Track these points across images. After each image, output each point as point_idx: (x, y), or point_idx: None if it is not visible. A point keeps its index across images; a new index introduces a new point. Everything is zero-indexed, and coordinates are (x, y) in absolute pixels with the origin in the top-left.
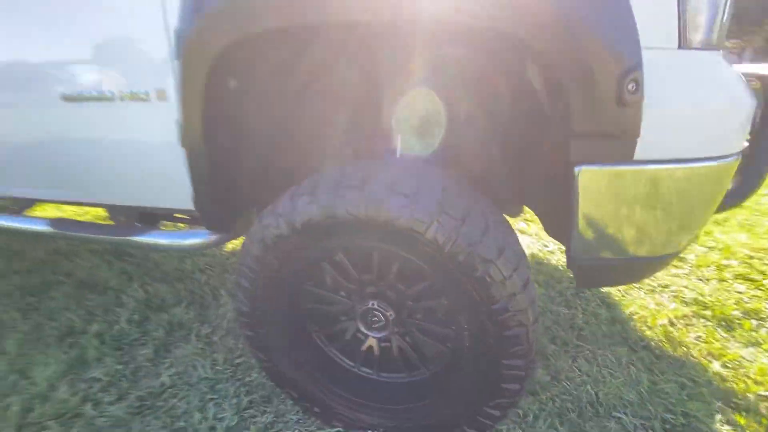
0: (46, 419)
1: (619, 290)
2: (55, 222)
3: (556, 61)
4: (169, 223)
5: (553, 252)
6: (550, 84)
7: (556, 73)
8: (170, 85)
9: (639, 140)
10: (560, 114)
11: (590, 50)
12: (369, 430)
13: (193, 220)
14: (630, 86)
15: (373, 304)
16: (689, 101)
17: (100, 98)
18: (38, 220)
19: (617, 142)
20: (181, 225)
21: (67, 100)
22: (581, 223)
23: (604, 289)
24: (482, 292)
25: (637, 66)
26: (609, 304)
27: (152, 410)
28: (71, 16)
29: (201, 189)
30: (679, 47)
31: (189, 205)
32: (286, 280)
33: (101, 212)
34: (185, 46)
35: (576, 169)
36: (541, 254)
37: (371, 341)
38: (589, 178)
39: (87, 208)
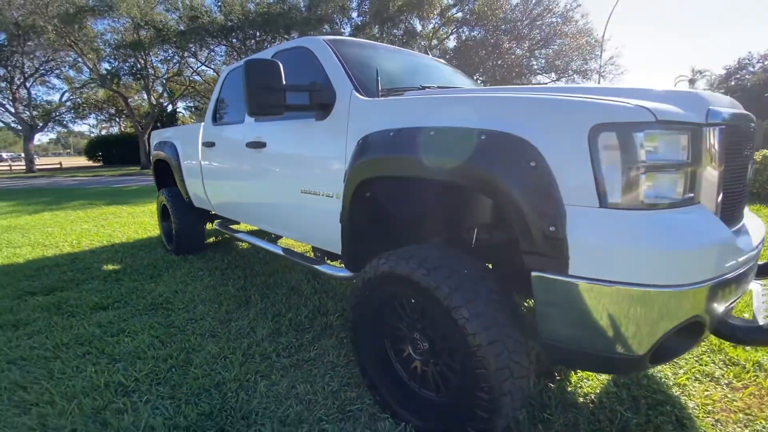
0: (257, 352)
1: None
2: (285, 250)
3: (508, 211)
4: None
5: None
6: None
7: (509, 216)
8: (341, 192)
9: (571, 261)
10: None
11: (522, 205)
12: (403, 422)
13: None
14: (551, 228)
15: (416, 335)
16: (604, 242)
17: (316, 193)
18: (277, 246)
19: (554, 259)
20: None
21: (303, 192)
22: (538, 310)
23: None
24: (460, 340)
25: (555, 217)
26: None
27: (299, 365)
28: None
29: (345, 246)
30: (600, 206)
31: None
32: (373, 307)
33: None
34: (347, 177)
35: (532, 273)
36: None
37: (416, 362)
38: (539, 280)
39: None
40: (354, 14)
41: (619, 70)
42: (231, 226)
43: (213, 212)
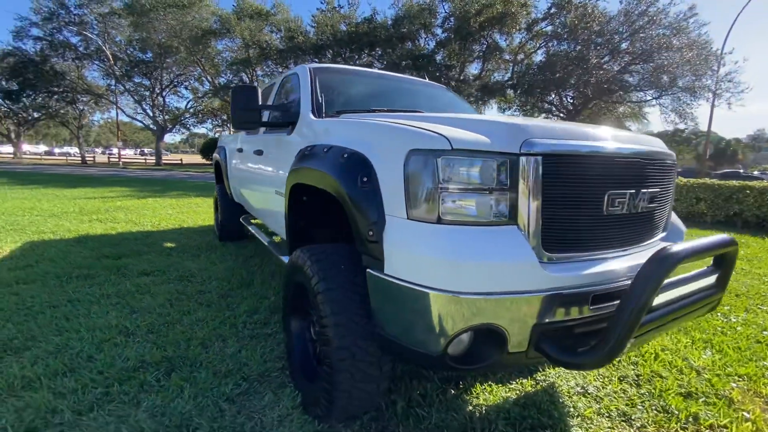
0: (230, 322)
1: None
2: (270, 241)
3: (349, 217)
4: None
5: None
6: None
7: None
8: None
9: (385, 262)
10: None
11: (354, 212)
12: (297, 391)
13: None
14: (370, 233)
15: (313, 317)
16: (405, 248)
17: (280, 194)
18: (267, 237)
19: (375, 260)
20: None
21: (275, 193)
22: (371, 305)
23: None
24: (320, 321)
25: (375, 224)
26: None
27: (256, 337)
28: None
29: (287, 239)
30: (407, 218)
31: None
32: (291, 291)
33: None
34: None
35: (366, 270)
36: None
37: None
38: (369, 277)
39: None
40: (438, 30)
41: (739, 87)
42: (251, 221)
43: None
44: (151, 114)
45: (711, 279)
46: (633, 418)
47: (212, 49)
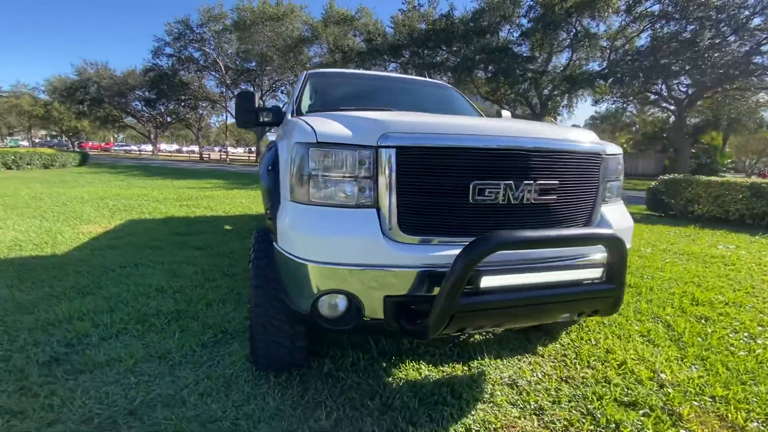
0: (223, 290)
1: None
2: None
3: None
4: None
5: None
6: None
7: None
8: None
9: (278, 236)
10: None
11: (263, 194)
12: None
13: None
14: (268, 212)
15: None
16: (286, 224)
17: None
18: None
19: (274, 234)
20: None
21: None
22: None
23: None
24: None
25: (271, 204)
26: None
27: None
28: None
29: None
30: (290, 200)
31: None
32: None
33: None
34: None
35: (272, 243)
36: None
37: None
38: (274, 249)
39: None
40: (524, 20)
41: None
42: None
43: None
44: None
45: (594, 272)
46: (547, 413)
47: (304, 55)
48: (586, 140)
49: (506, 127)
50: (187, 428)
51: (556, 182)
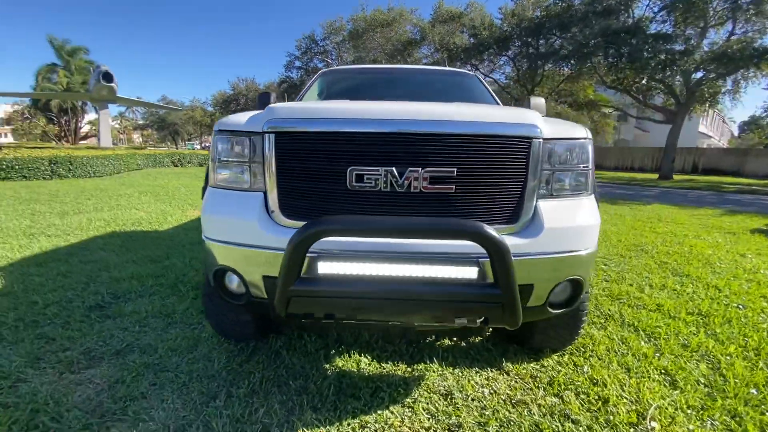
0: None
1: None
2: None
3: None
4: None
5: None
6: None
7: None
8: None
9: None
10: None
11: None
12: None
13: None
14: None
15: None
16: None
17: None
18: None
19: None
20: None
21: None
22: None
23: None
24: None
25: (203, 189)
26: None
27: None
28: None
29: None
30: (209, 184)
31: None
32: None
33: None
34: None
35: None
36: None
37: None
38: None
39: None
40: None
41: None
42: None
43: None
44: None
45: (469, 271)
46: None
47: (413, 57)
48: (512, 121)
49: (401, 110)
50: (142, 372)
51: (453, 170)
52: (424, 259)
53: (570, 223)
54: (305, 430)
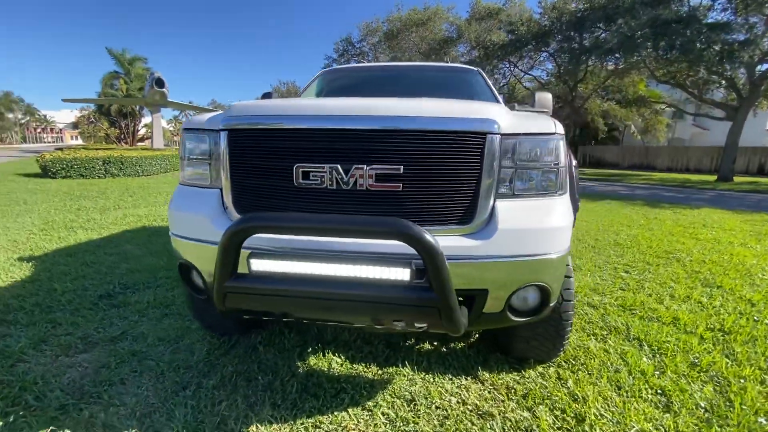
0: None
1: None
2: None
3: None
4: None
5: None
6: None
7: None
8: None
9: None
10: None
11: None
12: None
13: None
14: None
15: None
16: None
17: None
18: None
19: None
20: None
21: None
22: None
23: None
24: None
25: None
26: None
27: None
28: None
29: None
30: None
31: None
32: None
33: None
34: None
35: None
36: None
37: None
38: None
39: None
40: None
41: None
42: None
43: None
44: None
45: (401, 272)
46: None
47: (450, 56)
48: (463, 116)
49: (345, 106)
50: (127, 359)
51: (400, 167)
52: (356, 258)
53: (529, 224)
54: (259, 425)
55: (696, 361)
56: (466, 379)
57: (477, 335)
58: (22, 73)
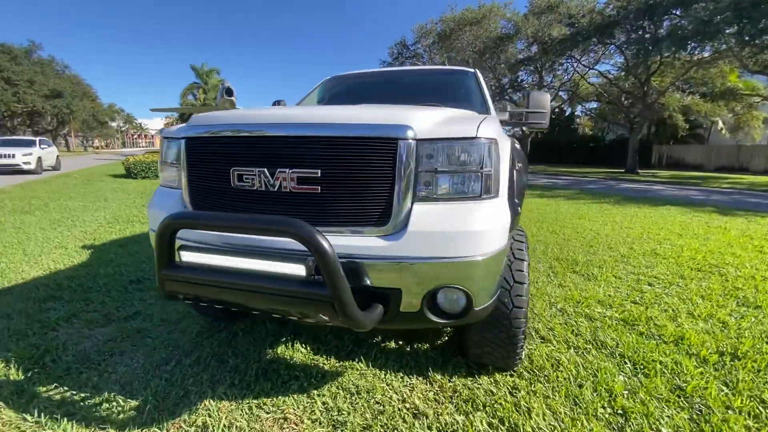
0: None
1: None
2: None
3: None
4: None
5: None
6: None
7: None
8: None
9: None
10: None
11: None
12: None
13: None
14: None
15: None
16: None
17: None
18: None
19: None
20: None
21: None
22: None
23: None
24: None
25: None
26: None
27: None
28: None
29: None
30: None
31: None
32: None
33: None
34: None
35: None
36: None
37: None
38: None
39: None
40: None
41: None
42: None
43: None
44: None
45: (297, 268)
46: (347, 427)
47: (509, 53)
48: (375, 122)
49: (269, 115)
50: (132, 335)
51: (318, 171)
52: (266, 254)
53: (442, 227)
54: (212, 400)
55: (682, 385)
56: (417, 379)
57: (446, 338)
58: (121, 86)
